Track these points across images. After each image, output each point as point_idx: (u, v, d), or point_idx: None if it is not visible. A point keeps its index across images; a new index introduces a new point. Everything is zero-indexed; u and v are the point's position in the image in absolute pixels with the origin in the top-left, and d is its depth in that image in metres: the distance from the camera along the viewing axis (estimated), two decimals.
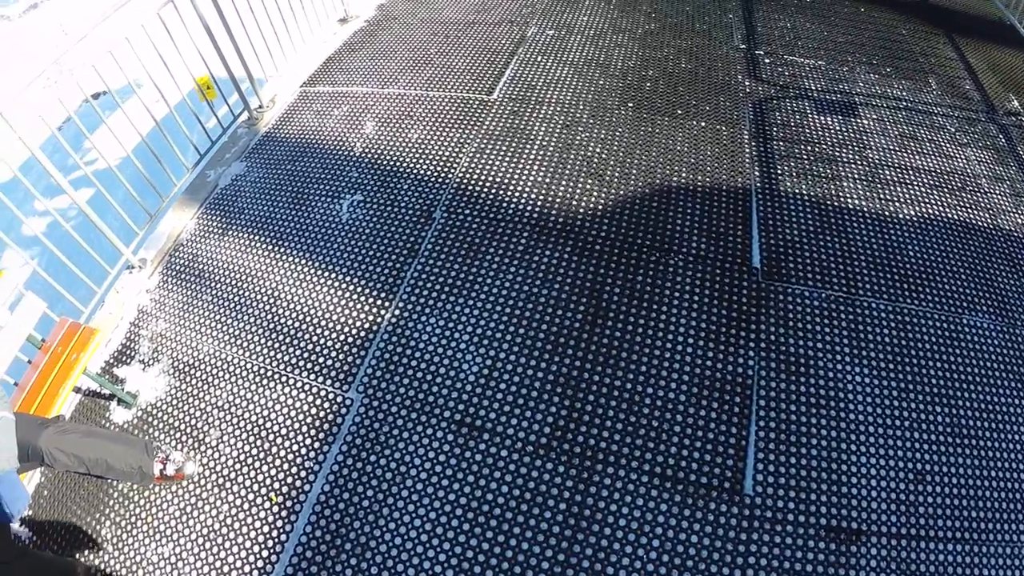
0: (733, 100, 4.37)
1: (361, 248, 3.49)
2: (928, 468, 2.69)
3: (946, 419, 2.84)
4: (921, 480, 2.66)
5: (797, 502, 2.53)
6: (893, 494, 2.59)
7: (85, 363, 2.65)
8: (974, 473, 2.71)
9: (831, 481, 2.59)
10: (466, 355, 2.97)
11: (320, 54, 5.17)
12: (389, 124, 4.25)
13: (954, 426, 2.82)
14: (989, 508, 2.63)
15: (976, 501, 2.64)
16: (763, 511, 2.51)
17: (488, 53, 4.92)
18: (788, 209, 3.58)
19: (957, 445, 2.77)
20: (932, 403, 2.87)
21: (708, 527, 2.46)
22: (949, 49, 5.24)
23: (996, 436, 2.83)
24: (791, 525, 2.48)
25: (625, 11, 5.49)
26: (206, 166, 4.22)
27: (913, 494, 2.61)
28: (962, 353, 3.08)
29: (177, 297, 3.48)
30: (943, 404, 2.88)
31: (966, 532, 2.57)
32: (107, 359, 3.30)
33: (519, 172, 3.79)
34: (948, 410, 2.86)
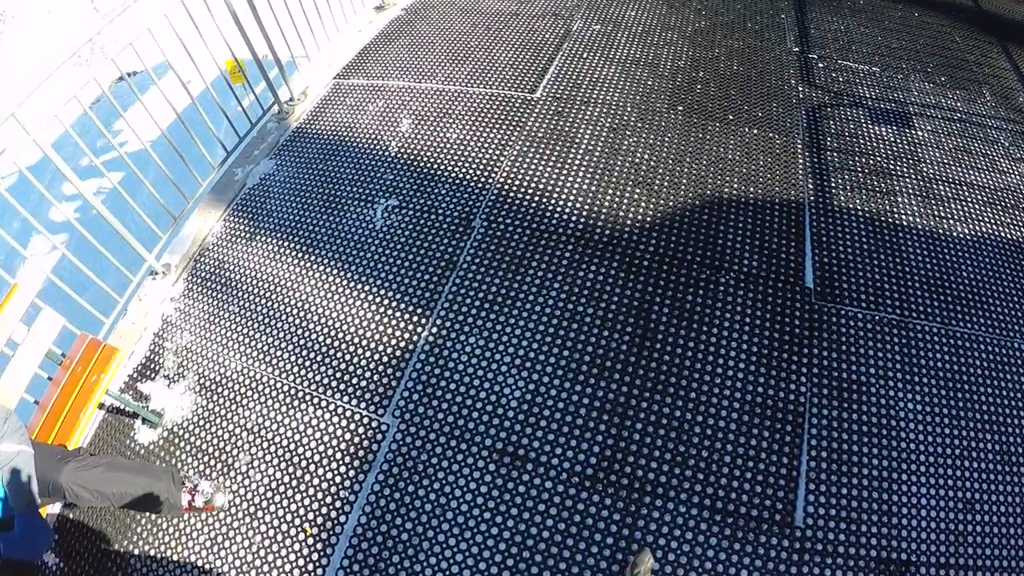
0: (786, 106, 4.17)
1: (396, 258, 3.34)
2: (977, 497, 2.59)
3: (996, 446, 2.73)
4: (971, 510, 2.56)
5: (848, 534, 2.44)
6: (942, 524, 2.51)
7: (106, 386, 2.53)
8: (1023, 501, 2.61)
9: (881, 512, 2.50)
10: (507, 379, 2.84)
11: (355, 44, 4.96)
12: (426, 122, 4.08)
13: (1003, 453, 2.72)
14: None
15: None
16: (814, 543, 2.41)
17: (531, 48, 4.71)
18: (842, 225, 3.42)
19: (1006, 473, 2.67)
20: (982, 430, 2.76)
21: (759, 560, 2.37)
22: (1003, 59, 4.98)
23: None
24: (841, 558, 2.40)
25: (674, 6, 5.25)
26: (233, 163, 4.03)
27: (962, 523, 2.52)
28: (1013, 378, 2.95)
29: (203, 307, 3.33)
30: (993, 431, 2.77)
31: (1015, 561, 2.48)
32: (131, 373, 3.16)
33: (563, 179, 3.63)
34: (998, 437, 2.75)
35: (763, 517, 2.45)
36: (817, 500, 2.50)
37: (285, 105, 4.33)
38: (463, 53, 4.69)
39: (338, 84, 4.57)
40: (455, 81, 4.41)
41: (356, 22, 5.21)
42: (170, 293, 3.43)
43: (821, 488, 2.53)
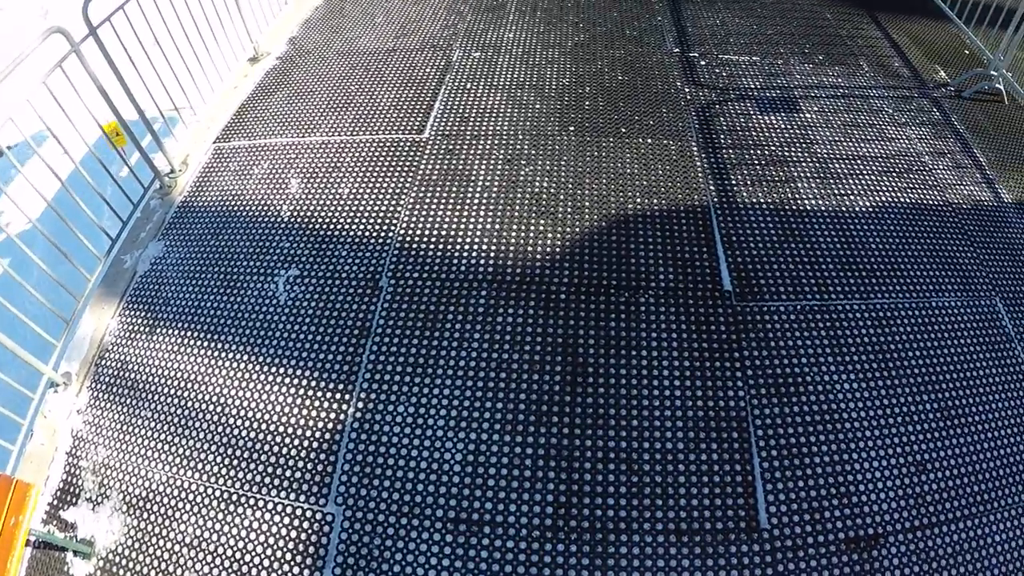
0: (675, 110, 4.59)
1: (307, 333, 3.43)
2: (927, 457, 2.96)
3: (934, 404, 3.13)
4: (923, 470, 2.92)
5: (813, 523, 2.72)
6: (900, 491, 2.85)
7: (27, 527, 2.50)
8: (970, 449, 3.02)
9: (840, 495, 2.80)
10: (445, 443, 2.98)
11: (232, 102, 5.08)
12: (316, 179, 4.22)
13: (943, 409, 3.12)
14: (990, 479, 2.96)
15: (977, 475, 2.96)
16: (782, 541, 2.68)
17: (413, 85, 4.97)
18: (749, 221, 3.80)
19: (949, 427, 3.07)
20: (919, 392, 3.15)
21: (734, 571, 2.60)
22: (873, 28, 5.68)
23: (982, 408, 3.17)
24: (812, 547, 2.67)
25: (551, 23, 5.67)
26: (120, 251, 4.03)
27: (918, 485, 2.88)
28: (937, 336, 3.38)
29: (114, 416, 3.32)
30: (929, 390, 3.17)
31: (974, 507, 2.87)
32: (50, 501, 3.11)
33: (465, 220, 3.85)
34: (935, 395, 3.16)
35: (728, 528, 2.69)
36: (777, 498, 2.77)
37: (166, 179, 4.36)
38: (344, 99, 4.89)
39: (219, 148, 4.64)
40: (339, 131, 4.58)
41: (231, 78, 5.32)
42: (75, 405, 3.39)
43: (778, 486, 2.81)
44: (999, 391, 3.24)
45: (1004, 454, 3.05)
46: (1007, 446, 3.07)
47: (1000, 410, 3.18)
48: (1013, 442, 3.10)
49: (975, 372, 3.28)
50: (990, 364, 3.33)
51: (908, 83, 5.12)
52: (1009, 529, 2.86)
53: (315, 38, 5.83)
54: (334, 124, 4.66)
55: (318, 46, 5.67)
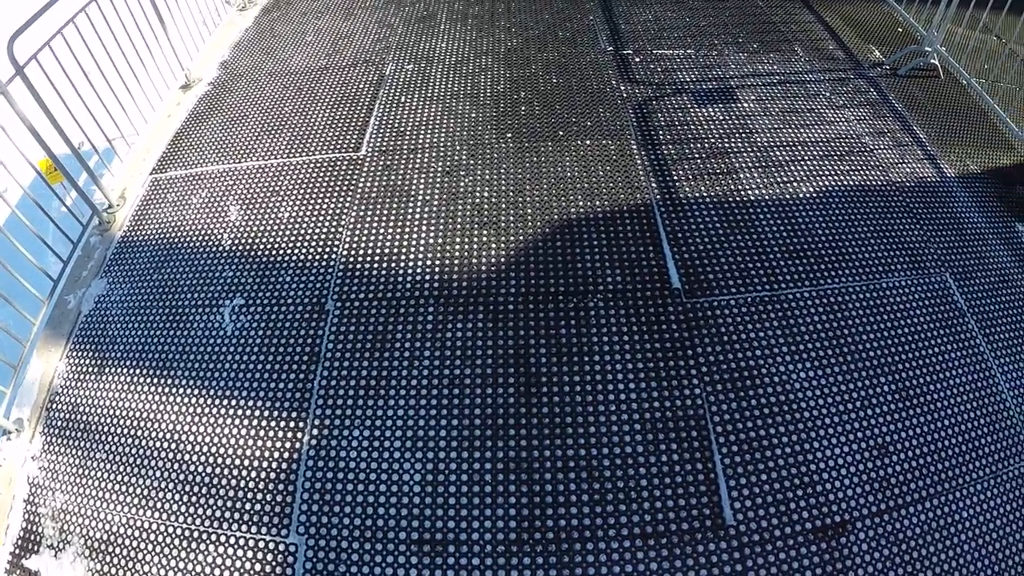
0: (613, 109, 4.74)
1: (256, 362, 3.47)
2: (889, 439, 3.11)
3: (891, 385, 3.29)
4: (885, 453, 3.07)
5: (779, 516, 2.85)
6: (864, 475, 2.99)
7: None
8: (931, 427, 3.19)
9: (804, 484, 2.93)
10: (403, 464, 3.04)
11: (167, 131, 5.10)
12: (255, 205, 4.26)
13: (901, 390, 3.28)
14: (952, 455, 3.13)
15: (939, 453, 3.12)
16: (749, 535, 2.79)
17: (347, 102, 5.04)
18: (694, 217, 3.94)
19: (909, 407, 3.23)
20: (876, 375, 3.31)
21: (703, 570, 2.71)
22: (806, 12, 5.94)
23: (940, 385, 3.34)
24: (780, 540, 2.80)
25: (483, 30, 5.80)
26: (63, 291, 4.06)
27: (882, 468, 3.03)
28: (890, 316, 3.55)
29: (69, 460, 3.35)
30: (885, 372, 3.33)
31: (939, 485, 3.03)
32: (12, 551, 3.15)
33: (407, 236, 3.92)
34: (892, 376, 3.32)
35: (694, 527, 2.80)
36: (741, 494, 2.89)
37: (105, 214, 4.39)
38: (279, 121, 4.94)
39: (156, 180, 4.67)
40: (276, 154, 4.63)
41: (164, 107, 5.34)
42: (30, 451, 3.43)
43: (741, 481, 2.92)
44: (956, 366, 3.43)
45: (965, 429, 3.23)
46: (968, 421, 3.26)
47: (958, 385, 3.37)
48: (973, 416, 3.28)
49: (931, 350, 3.47)
50: (945, 340, 3.52)
51: (844, 65, 5.36)
52: (976, 504, 3.04)
53: (246, 61, 5.88)
54: (270, 147, 4.70)
55: (250, 69, 5.72)
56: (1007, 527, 3.01)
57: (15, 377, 3.61)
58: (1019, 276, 3.95)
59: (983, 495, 3.06)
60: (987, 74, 5.49)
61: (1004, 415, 3.32)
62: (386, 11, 6.41)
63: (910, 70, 5.43)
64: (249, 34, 6.39)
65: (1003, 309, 3.74)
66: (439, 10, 6.28)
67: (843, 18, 5.95)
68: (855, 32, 5.81)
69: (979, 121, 5.10)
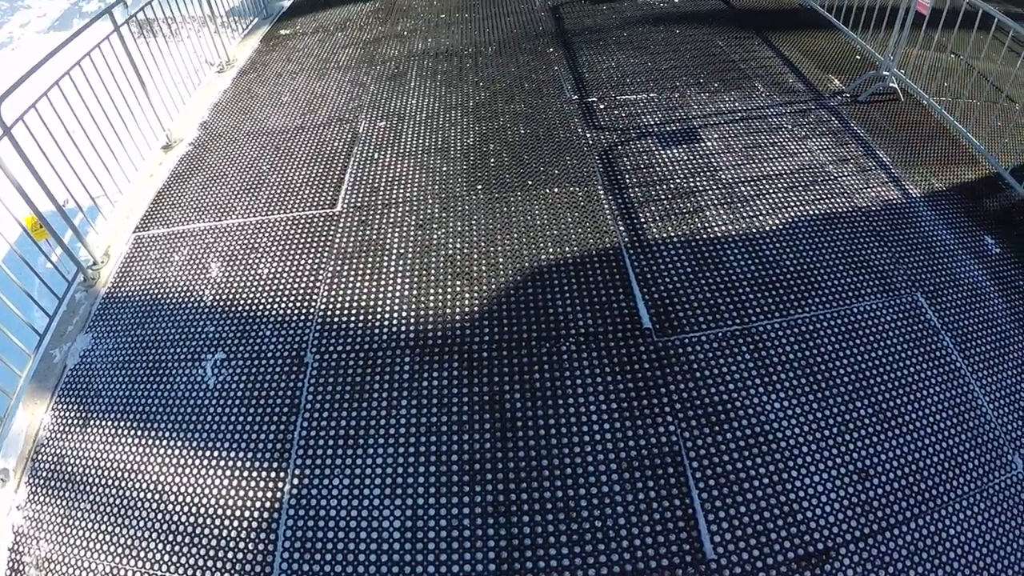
0: (579, 156, 4.95)
1: (238, 415, 3.59)
2: (869, 462, 3.19)
3: (868, 409, 3.39)
4: (866, 476, 3.15)
5: (760, 547, 2.90)
6: (845, 500, 3.06)
7: None
8: (911, 447, 3.27)
9: (785, 514, 3.00)
10: (383, 511, 3.13)
11: (149, 190, 5.33)
12: (235, 261, 4.44)
13: (878, 413, 3.38)
14: (935, 473, 3.21)
15: (922, 472, 3.20)
16: (731, 569, 2.85)
17: (323, 160, 5.28)
18: (662, 257, 4.09)
19: (887, 429, 3.32)
20: (851, 399, 3.41)
21: None
22: (765, 48, 6.22)
23: (918, 404, 3.44)
24: (762, 571, 2.84)
25: (452, 86, 6.07)
26: (48, 345, 4.20)
27: (863, 492, 3.10)
28: (862, 341, 3.67)
29: (54, 510, 3.43)
30: (860, 396, 3.43)
31: (923, 505, 3.10)
32: None
33: (383, 289, 4.08)
34: (868, 400, 3.42)
35: (675, 563, 2.86)
36: (720, 527, 2.96)
37: (90, 271, 4.58)
38: (257, 180, 5.16)
39: (139, 238, 4.86)
40: (255, 212, 4.83)
41: (146, 166, 5.57)
42: (15, 501, 3.51)
43: (720, 515, 2.99)
44: (933, 384, 3.54)
45: (947, 446, 3.31)
46: (949, 437, 3.35)
47: (937, 403, 3.47)
48: (954, 432, 3.37)
49: (906, 369, 3.58)
50: (920, 359, 3.64)
51: (804, 96, 5.60)
52: (962, 521, 3.10)
53: (225, 121, 6.15)
54: (249, 205, 4.91)
55: (229, 129, 5.99)
56: (995, 541, 3.06)
57: (1, 428, 3.72)
58: (991, 288, 4.08)
59: (969, 511, 3.12)
60: (946, 91, 5.72)
61: (985, 428, 3.41)
62: (358, 70, 6.71)
63: (870, 95, 5.67)
64: (227, 95, 6.69)
65: (977, 322, 3.86)
66: (409, 67, 6.59)
67: (801, 51, 6.23)
68: (814, 63, 6.07)
69: (942, 138, 5.31)
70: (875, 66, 5.90)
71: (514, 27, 7.42)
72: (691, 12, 7.30)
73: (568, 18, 7.50)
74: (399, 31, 7.67)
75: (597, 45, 6.54)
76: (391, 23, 7.97)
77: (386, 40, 7.44)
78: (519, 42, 6.98)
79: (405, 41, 7.34)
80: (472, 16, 7.89)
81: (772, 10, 7.14)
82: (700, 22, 6.82)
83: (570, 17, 7.52)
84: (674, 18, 7.14)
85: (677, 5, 7.60)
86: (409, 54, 6.96)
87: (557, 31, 7.15)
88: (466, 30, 7.48)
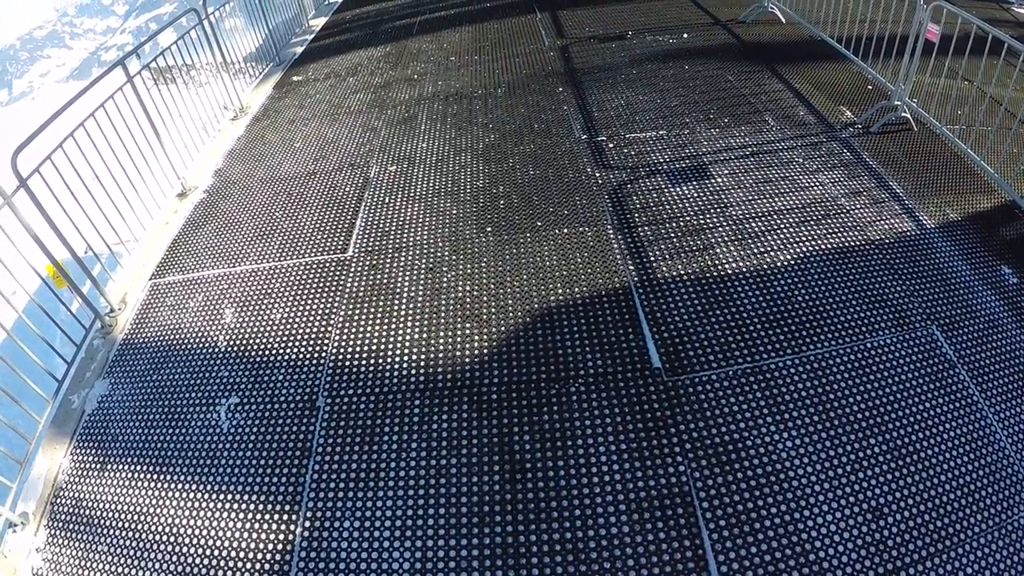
0: (589, 196, 5.14)
1: (251, 458, 3.76)
2: (883, 501, 3.26)
3: (882, 445, 3.46)
4: (880, 515, 3.21)
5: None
6: (859, 540, 3.12)
7: None
8: (926, 485, 3.33)
9: (797, 553, 3.07)
10: (393, 553, 3.26)
11: (165, 237, 5.60)
12: (248, 307, 4.65)
13: (893, 449, 3.45)
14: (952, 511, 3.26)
15: (938, 509, 3.25)
16: None
17: (334, 205, 5.52)
18: (672, 295, 4.23)
19: (902, 466, 3.38)
20: (865, 436, 3.48)
21: None
22: (775, 82, 6.41)
23: (933, 440, 3.50)
24: None
25: (462, 128, 6.33)
26: (67, 391, 4.43)
27: (877, 531, 3.16)
28: (876, 376, 3.75)
29: (72, 552, 3.60)
30: (875, 432, 3.50)
31: (938, 544, 3.15)
32: None
33: (393, 333, 4.25)
34: (882, 437, 3.49)
35: None
36: (731, 568, 3.03)
37: (107, 318, 4.83)
38: (270, 226, 5.41)
39: (155, 285, 5.11)
40: (268, 258, 5.06)
41: (161, 214, 5.86)
42: (34, 544, 3.68)
43: (731, 555, 3.08)
44: (949, 419, 3.61)
45: (963, 483, 3.37)
46: (966, 473, 3.40)
47: (953, 438, 3.53)
48: (971, 468, 3.43)
49: (921, 405, 3.65)
50: (935, 393, 3.71)
51: (816, 129, 5.76)
52: (981, 558, 3.15)
53: (239, 168, 6.45)
54: (262, 251, 5.14)
55: (242, 176, 6.28)
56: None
57: (21, 472, 3.93)
58: (1008, 319, 4.15)
59: (987, 548, 3.16)
60: (959, 119, 5.84)
61: (1004, 463, 3.46)
62: (369, 115, 7.01)
63: (882, 126, 5.81)
64: (241, 142, 7.02)
65: (994, 354, 3.93)
66: (420, 111, 6.87)
67: (812, 83, 6.41)
68: (825, 95, 6.25)
69: (956, 167, 5.42)
70: (886, 96, 6.04)
71: (523, 67, 7.72)
72: (700, 47, 7.56)
73: (577, 57, 7.79)
74: (409, 75, 8.00)
75: (606, 83, 6.79)
76: (401, 67, 8.32)
77: (397, 84, 7.77)
78: (528, 83, 7.25)
79: (415, 85, 7.66)
80: (482, 58, 8.22)
81: (781, 42, 7.36)
82: (709, 57, 7.05)
83: (579, 56, 7.81)
84: (683, 54, 7.39)
85: (686, 41, 7.86)
86: (419, 97, 7.26)
87: (566, 70, 7.43)
88: (476, 72, 7.80)
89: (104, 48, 24.07)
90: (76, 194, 4.71)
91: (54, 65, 19.96)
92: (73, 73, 19.01)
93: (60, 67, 20.06)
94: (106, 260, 5.10)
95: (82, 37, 25.89)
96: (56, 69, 19.75)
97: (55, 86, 18.83)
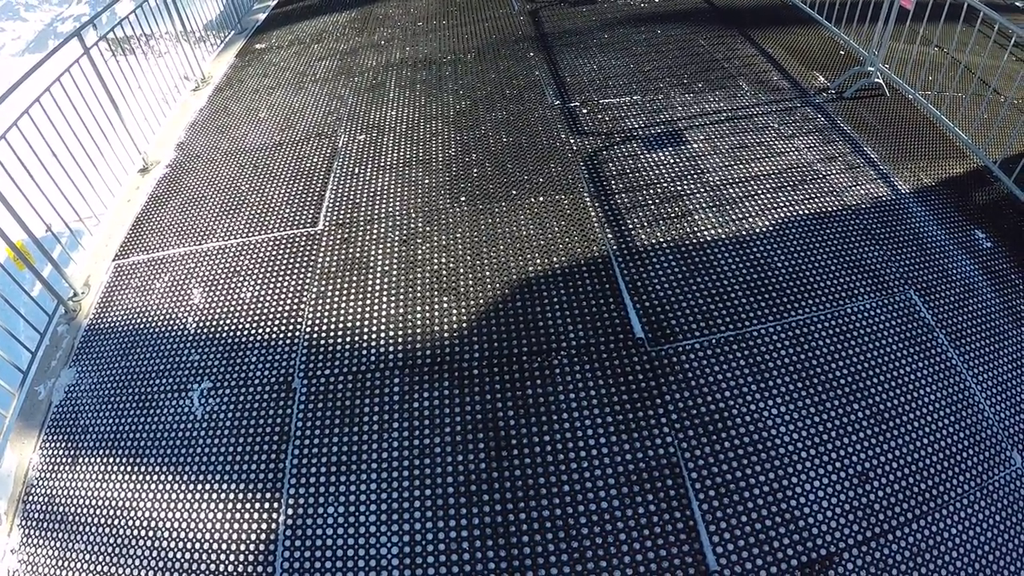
0: (564, 163, 4.95)
1: (227, 445, 3.56)
2: (868, 465, 3.21)
3: (866, 410, 3.41)
4: (867, 479, 3.17)
5: (763, 555, 2.92)
6: (847, 505, 3.08)
7: None
8: (910, 448, 3.30)
9: (786, 522, 3.01)
10: (380, 537, 3.12)
11: (127, 216, 5.28)
12: (217, 286, 4.40)
13: (876, 414, 3.40)
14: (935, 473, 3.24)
15: (922, 472, 3.23)
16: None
17: (302, 177, 5.25)
18: (652, 264, 4.10)
19: (886, 431, 3.34)
20: (849, 401, 3.43)
21: None
22: (748, 47, 6.26)
23: (915, 403, 3.47)
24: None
25: (432, 95, 6.07)
26: (32, 382, 4.18)
27: (864, 496, 3.12)
28: (858, 342, 3.69)
29: (47, 551, 3.41)
30: (858, 397, 3.45)
31: (924, 505, 3.13)
32: None
33: (368, 309, 4.05)
34: (866, 402, 3.44)
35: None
36: (722, 538, 2.96)
37: (71, 303, 4.53)
38: (237, 200, 5.13)
39: (119, 266, 4.82)
40: (235, 234, 4.79)
41: (123, 191, 5.54)
42: (9, 544, 3.48)
43: (722, 525, 3.00)
44: (929, 382, 3.57)
45: (945, 445, 3.34)
46: (948, 436, 3.38)
47: (934, 401, 3.50)
48: (953, 430, 3.40)
49: (902, 369, 3.60)
50: (916, 358, 3.67)
51: (790, 94, 5.64)
52: (964, 520, 3.13)
53: (202, 141, 6.11)
54: (229, 227, 4.87)
55: (206, 149, 5.95)
56: (998, 538, 3.10)
57: None
58: (983, 283, 4.12)
59: (970, 508, 3.15)
60: (932, 86, 5.78)
61: (983, 425, 3.44)
62: (336, 83, 6.70)
63: (856, 92, 5.72)
64: (203, 114, 6.66)
65: (971, 318, 3.90)
66: (388, 78, 6.58)
67: (786, 48, 6.28)
68: (798, 60, 6.12)
69: (929, 133, 5.36)
70: (860, 62, 5.95)
71: (493, 32, 7.44)
72: (672, 11, 7.36)
73: (548, 21, 7.53)
74: (376, 41, 7.68)
75: (578, 48, 6.57)
76: (368, 33, 7.98)
77: (364, 50, 7.44)
78: (499, 48, 6.99)
79: (383, 51, 7.35)
80: (450, 23, 7.90)
81: (754, 7, 7.20)
82: (681, 21, 6.87)
83: (550, 20, 7.55)
84: (655, 18, 7.18)
85: (658, 5, 7.65)
86: (387, 64, 6.96)
87: (537, 35, 7.17)
88: (444, 37, 7.49)
89: (60, 19, 22.98)
90: (33, 173, 4.39)
91: (9, 39, 19.03)
92: (29, 46, 18.17)
93: (16, 40, 19.13)
94: (67, 241, 4.79)
95: (37, 8, 24.75)
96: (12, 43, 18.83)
97: (10, 60, 17.86)
